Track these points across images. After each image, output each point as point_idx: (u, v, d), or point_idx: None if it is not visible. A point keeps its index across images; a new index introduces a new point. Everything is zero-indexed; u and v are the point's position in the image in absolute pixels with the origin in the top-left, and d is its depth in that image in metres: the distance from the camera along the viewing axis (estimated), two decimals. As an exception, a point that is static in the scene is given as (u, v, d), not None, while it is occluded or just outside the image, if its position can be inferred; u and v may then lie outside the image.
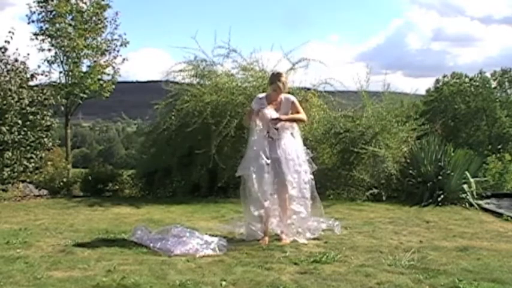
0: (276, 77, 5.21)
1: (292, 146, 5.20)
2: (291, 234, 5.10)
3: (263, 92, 8.26)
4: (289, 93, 5.68)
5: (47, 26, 12.83)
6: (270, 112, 5.12)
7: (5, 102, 8.81)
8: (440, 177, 7.90)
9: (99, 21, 13.28)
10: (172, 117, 8.47)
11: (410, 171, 8.24)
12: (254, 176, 5.06)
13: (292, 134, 5.28)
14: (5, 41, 9.89)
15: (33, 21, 13.04)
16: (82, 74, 13.06)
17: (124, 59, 13.73)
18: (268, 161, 5.04)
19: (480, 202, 7.76)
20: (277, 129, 5.14)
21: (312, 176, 5.24)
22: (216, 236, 4.98)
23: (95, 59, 13.29)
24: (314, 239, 5.15)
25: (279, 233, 5.17)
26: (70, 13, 12.89)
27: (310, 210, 5.23)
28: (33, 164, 9.32)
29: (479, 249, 4.78)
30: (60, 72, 13.15)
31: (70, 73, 13.05)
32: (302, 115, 5.31)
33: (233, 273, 3.97)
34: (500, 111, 38.38)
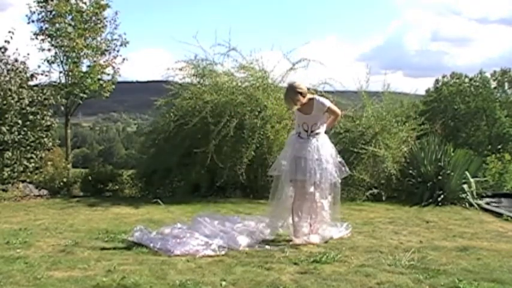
0: (288, 91, 5.23)
1: (322, 147, 5.19)
2: (318, 235, 5.12)
3: (263, 90, 8.33)
4: (322, 95, 5.64)
5: (46, 25, 12.84)
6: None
7: (5, 102, 8.81)
8: (440, 177, 7.91)
9: (99, 21, 13.27)
10: (172, 115, 8.48)
11: (410, 171, 8.25)
12: (282, 176, 5.16)
13: (322, 134, 5.28)
14: (5, 41, 9.90)
15: (33, 21, 13.04)
16: (82, 74, 13.05)
17: (124, 59, 13.71)
18: (284, 163, 5.13)
19: (480, 202, 7.77)
20: (306, 130, 5.18)
21: (340, 180, 5.23)
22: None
23: (95, 58, 13.28)
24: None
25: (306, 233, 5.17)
26: (70, 13, 12.87)
27: (329, 213, 5.23)
28: (33, 164, 9.32)
29: (479, 249, 4.78)
30: (60, 72, 13.14)
31: (70, 73, 13.03)
32: (336, 112, 5.41)
33: (233, 273, 3.97)
34: (500, 111, 38.37)
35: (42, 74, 11.68)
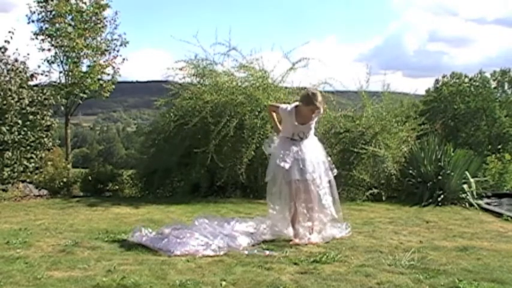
0: (313, 98, 5.11)
1: (317, 147, 5.29)
2: (316, 234, 5.12)
3: (263, 90, 8.32)
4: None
5: (46, 25, 12.84)
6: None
7: (5, 102, 8.81)
8: (440, 177, 7.90)
9: (99, 21, 13.28)
10: (172, 115, 8.48)
11: (410, 171, 8.24)
12: (278, 181, 5.14)
13: (313, 137, 5.36)
14: (5, 41, 9.91)
15: (33, 21, 13.07)
16: (82, 74, 13.06)
17: (124, 59, 13.74)
18: (287, 166, 5.07)
19: (480, 202, 7.77)
20: (301, 137, 5.22)
21: (333, 179, 5.27)
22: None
23: (95, 58, 13.29)
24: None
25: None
26: (70, 13, 12.89)
27: (331, 211, 5.24)
28: (33, 164, 9.31)
29: (479, 249, 4.78)
30: (60, 72, 13.17)
31: (70, 73, 13.05)
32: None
33: (233, 273, 3.97)
34: (500, 111, 38.38)
35: (42, 74, 11.74)
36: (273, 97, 8.25)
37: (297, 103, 5.30)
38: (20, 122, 8.98)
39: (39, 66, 11.86)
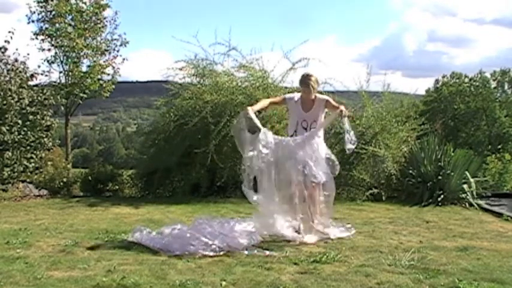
0: (306, 78, 5.25)
1: (318, 144, 5.27)
2: (314, 234, 5.13)
3: (263, 90, 8.31)
4: (320, 93, 5.72)
5: (46, 25, 12.86)
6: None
7: (5, 102, 8.81)
8: (440, 177, 7.90)
9: (99, 21, 13.31)
10: (172, 115, 8.48)
11: (410, 171, 8.24)
12: (274, 182, 5.23)
13: (317, 134, 5.33)
14: (5, 41, 9.91)
15: (33, 21, 13.10)
16: (82, 74, 13.08)
17: (124, 59, 13.77)
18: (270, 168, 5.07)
19: (480, 202, 7.77)
20: (305, 128, 5.23)
21: (331, 178, 5.24)
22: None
23: (95, 58, 13.31)
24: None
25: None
26: (70, 13, 12.91)
27: (325, 212, 5.24)
28: (33, 164, 9.32)
29: (479, 249, 4.78)
30: (60, 72, 13.20)
31: (70, 73, 13.08)
32: (336, 106, 5.33)
33: (233, 273, 3.97)
34: (499, 111, 38.38)
35: (42, 74, 11.78)
36: (273, 97, 8.24)
37: (300, 93, 5.35)
38: (20, 122, 8.99)
39: (39, 66, 11.91)
